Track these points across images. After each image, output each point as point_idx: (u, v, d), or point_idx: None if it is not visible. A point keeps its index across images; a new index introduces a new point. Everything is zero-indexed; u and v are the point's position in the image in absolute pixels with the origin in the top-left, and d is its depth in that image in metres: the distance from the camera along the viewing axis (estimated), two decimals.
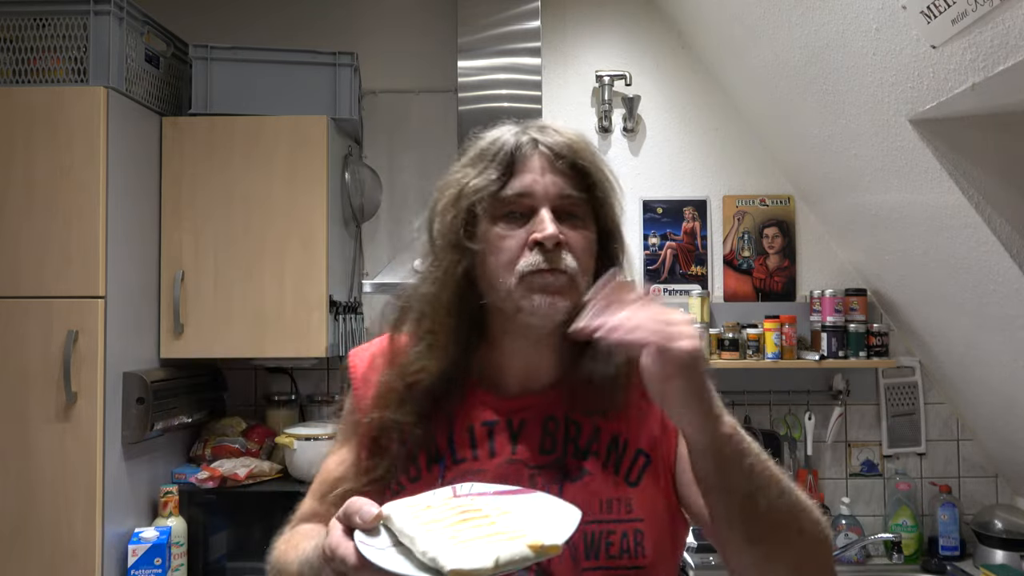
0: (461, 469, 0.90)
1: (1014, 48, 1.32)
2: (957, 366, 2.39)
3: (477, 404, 0.94)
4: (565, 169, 0.90)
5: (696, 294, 2.51)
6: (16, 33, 2.07)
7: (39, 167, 2.01)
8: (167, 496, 2.17)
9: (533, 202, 0.89)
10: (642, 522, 0.89)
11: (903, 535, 2.42)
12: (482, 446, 0.92)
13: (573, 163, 0.90)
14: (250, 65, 2.34)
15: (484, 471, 0.89)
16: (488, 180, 0.89)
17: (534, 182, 0.89)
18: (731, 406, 2.71)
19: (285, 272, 2.27)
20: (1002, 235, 1.77)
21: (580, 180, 0.90)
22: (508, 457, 0.91)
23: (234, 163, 2.28)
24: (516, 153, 0.90)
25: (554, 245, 0.86)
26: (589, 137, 0.97)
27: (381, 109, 2.70)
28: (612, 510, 0.88)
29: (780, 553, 0.79)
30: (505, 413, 0.93)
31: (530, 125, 0.95)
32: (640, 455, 0.92)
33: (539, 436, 0.92)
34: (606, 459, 0.91)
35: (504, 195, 0.89)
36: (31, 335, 1.98)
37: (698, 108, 2.70)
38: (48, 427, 1.97)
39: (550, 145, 0.90)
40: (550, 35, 2.67)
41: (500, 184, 0.89)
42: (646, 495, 0.90)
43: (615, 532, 0.88)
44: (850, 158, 2.12)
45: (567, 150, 0.90)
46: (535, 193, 0.89)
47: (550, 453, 0.91)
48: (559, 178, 0.89)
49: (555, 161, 0.90)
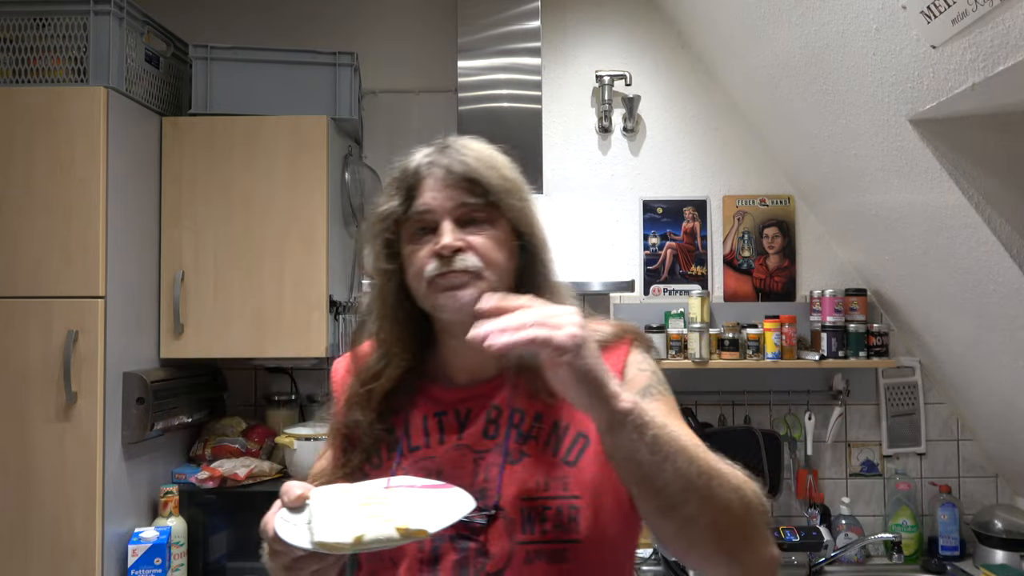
0: (415, 456, 1.00)
1: (1014, 48, 1.32)
2: (957, 366, 2.39)
3: (430, 397, 1.04)
4: (459, 182, 0.99)
5: (696, 294, 2.51)
6: (16, 33, 2.07)
7: (39, 167, 2.01)
8: (167, 496, 2.17)
9: (435, 216, 0.99)
10: (579, 499, 0.94)
11: (903, 535, 2.42)
12: (433, 434, 1.02)
13: (465, 176, 0.98)
14: (250, 65, 2.34)
15: (434, 456, 0.99)
16: (394, 206, 1.01)
17: (431, 199, 0.99)
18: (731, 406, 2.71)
19: (285, 272, 2.27)
20: (1002, 235, 1.77)
21: (477, 188, 0.99)
22: (455, 443, 1.00)
23: (234, 163, 2.28)
24: (415, 177, 1.01)
25: (452, 252, 0.96)
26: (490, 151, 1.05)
27: (381, 109, 2.70)
28: (549, 488, 0.94)
29: (697, 521, 0.81)
30: (453, 404, 1.03)
31: (437, 148, 1.04)
32: (580, 437, 0.97)
33: (483, 423, 1.00)
34: (546, 442, 0.98)
35: (409, 215, 1.00)
36: (31, 335, 1.98)
37: (698, 108, 2.70)
38: (48, 427, 1.97)
39: (443, 165, 1.00)
40: (550, 35, 2.67)
41: (405, 207, 1.00)
42: (585, 474, 0.95)
43: (550, 508, 0.93)
44: (850, 158, 2.12)
45: (460, 166, 0.99)
46: (434, 208, 0.99)
47: (493, 438, 0.99)
48: (455, 191, 0.99)
49: (448, 177, 0.99)
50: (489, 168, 1.00)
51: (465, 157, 1.00)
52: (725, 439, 2.47)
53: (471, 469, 0.96)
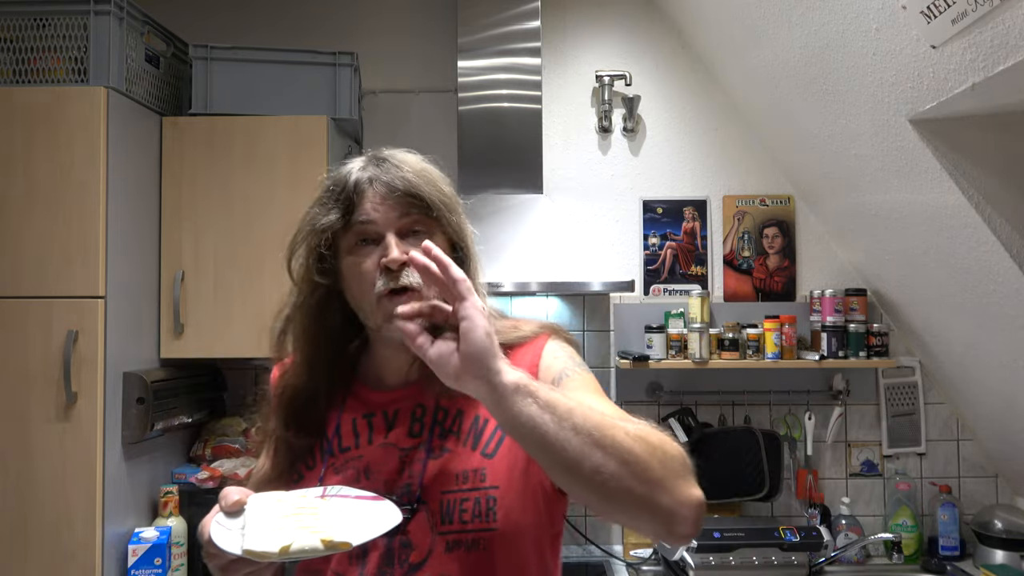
0: (345, 456, 1.04)
1: (1014, 48, 1.32)
2: (957, 366, 2.39)
3: (359, 399, 1.08)
4: (402, 196, 1.00)
5: (696, 294, 2.51)
6: (16, 33, 2.07)
7: (39, 167, 2.01)
8: (167, 496, 2.18)
9: (377, 228, 1.00)
10: (496, 489, 0.98)
11: (903, 535, 2.42)
12: (362, 435, 1.06)
13: (407, 191, 1.00)
14: (250, 65, 2.34)
15: (362, 456, 1.04)
16: (333, 218, 1.01)
17: (374, 210, 1.00)
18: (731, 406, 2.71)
19: (285, 272, 2.26)
20: (1002, 235, 1.77)
21: (418, 203, 1.01)
22: (381, 442, 1.04)
23: (234, 163, 2.28)
24: (355, 190, 1.02)
25: (399, 266, 0.98)
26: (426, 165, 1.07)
27: (381, 109, 2.70)
28: (468, 480, 0.99)
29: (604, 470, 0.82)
30: (381, 406, 1.07)
31: (371, 160, 1.06)
32: (498, 430, 1.01)
33: (408, 423, 1.04)
34: (466, 436, 1.02)
35: (351, 227, 1.01)
36: (31, 335, 1.98)
37: (698, 108, 2.70)
38: (48, 427, 1.97)
39: (385, 181, 1.01)
40: (550, 35, 2.68)
41: (345, 220, 1.01)
42: (502, 465, 0.99)
43: (468, 499, 0.98)
44: (850, 158, 2.12)
45: (401, 181, 1.01)
46: (376, 220, 1.00)
47: (418, 436, 1.03)
48: (397, 205, 1.00)
49: (390, 191, 1.00)
50: (428, 184, 1.02)
51: (405, 172, 1.02)
52: (725, 439, 2.47)
53: (397, 467, 1.01)
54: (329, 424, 1.08)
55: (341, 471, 1.03)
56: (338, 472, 1.03)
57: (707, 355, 2.46)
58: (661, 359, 2.48)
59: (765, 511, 2.57)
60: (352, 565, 0.98)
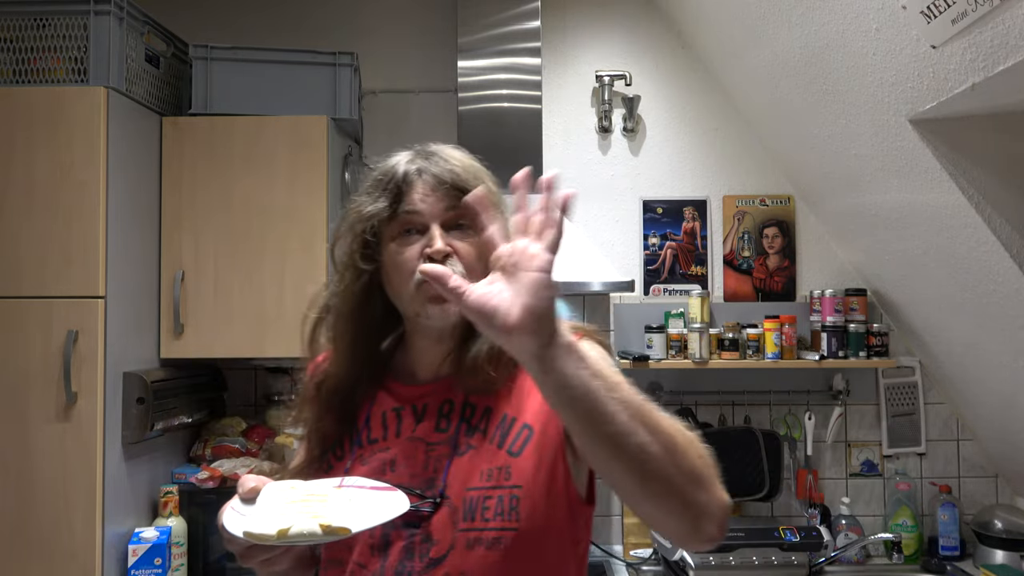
0: (373, 448, 1.05)
1: (1014, 48, 1.32)
2: (957, 366, 2.39)
3: (390, 393, 1.09)
4: (449, 189, 1.02)
5: (696, 294, 2.51)
6: (16, 33, 2.07)
7: (39, 167, 2.01)
8: (167, 496, 2.18)
9: (423, 219, 1.02)
10: (520, 488, 0.97)
11: (903, 535, 2.42)
12: (391, 427, 1.06)
13: (454, 184, 1.01)
14: (250, 65, 2.34)
15: (389, 448, 1.04)
16: (380, 207, 1.03)
17: (420, 201, 1.02)
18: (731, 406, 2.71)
19: (285, 272, 2.27)
20: (1002, 235, 1.77)
21: (464, 195, 0.99)
22: (409, 436, 1.04)
23: (234, 163, 2.28)
24: (404, 181, 1.03)
25: (443, 257, 0.99)
26: (473, 161, 1.08)
27: (381, 109, 2.70)
28: (492, 478, 0.98)
29: (649, 449, 0.79)
30: (411, 399, 1.07)
31: (419, 153, 1.07)
32: (525, 428, 1.00)
33: (436, 417, 1.04)
34: (493, 434, 1.01)
35: (397, 216, 1.02)
36: (31, 335, 1.98)
37: (698, 108, 2.70)
38: (48, 427, 1.96)
39: (435, 173, 1.03)
40: (550, 35, 2.67)
41: (392, 209, 1.02)
42: (527, 464, 0.98)
43: (492, 497, 0.97)
44: (850, 158, 2.12)
45: (448, 175, 1.02)
46: (423, 211, 1.02)
47: (444, 431, 1.03)
48: (443, 197, 1.02)
49: (437, 183, 1.02)
50: (476, 179, 1.02)
51: (452, 166, 1.03)
52: (725, 439, 2.47)
53: (423, 460, 1.01)
54: (359, 416, 1.09)
55: (367, 462, 1.03)
56: (364, 463, 1.04)
57: (707, 355, 2.46)
58: (661, 359, 2.48)
59: (765, 511, 2.57)
60: (374, 557, 0.99)
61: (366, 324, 1.08)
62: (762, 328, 2.48)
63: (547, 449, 0.99)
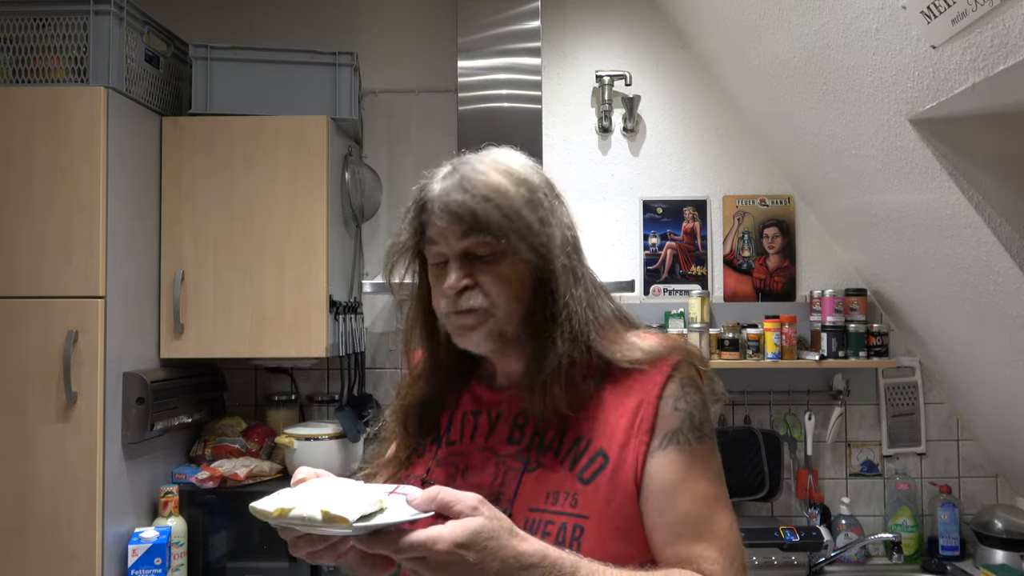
0: (451, 450, 1.05)
1: (1014, 48, 1.32)
2: (957, 366, 2.39)
3: (473, 395, 1.09)
4: (462, 222, 0.97)
5: (696, 294, 2.51)
6: (16, 33, 2.07)
7: (39, 167, 2.01)
8: (167, 496, 2.17)
9: (442, 250, 0.99)
10: (586, 519, 0.93)
11: (903, 535, 2.42)
12: (467, 431, 1.06)
13: (471, 221, 0.96)
14: (250, 65, 2.34)
15: (464, 453, 1.04)
16: (406, 240, 1.03)
17: (439, 234, 0.99)
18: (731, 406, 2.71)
19: (285, 272, 2.27)
20: (1002, 235, 1.77)
21: (482, 226, 0.97)
22: (481, 444, 1.04)
23: (234, 163, 2.28)
24: (423, 210, 1.01)
25: (458, 292, 0.97)
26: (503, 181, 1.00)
27: (381, 109, 2.70)
28: (557, 502, 0.94)
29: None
30: (487, 404, 1.06)
31: (453, 170, 1.01)
32: (600, 456, 0.96)
33: (509, 428, 1.03)
34: (564, 455, 0.97)
35: (425, 247, 1.02)
36: (31, 335, 1.98)
37: (698, 108, 2.70)
38: (48, 427, 1.97)
39: (445, 204, 0.97)
40: (550, 35, 2.67)
41: (417, 240, 1.02)
42: (597, 495, 0.94)
43: (554, 523, 0.93)
44: (850, 158, 2.12)
45: (459, 206, 0.96)
46: (440, 243, 0.99)
47: (516, 444, 1.01)
48: (460, 228, 0.97)
49: (453, 217, 0.97)
50: (497, 205, 0.96)
51: (469, 195, 0.96)
52: (725, 439, 2.46)
53: (492, 471, 1.00)
54: (444, 417, 1.09)
55: (443, 464, 1.04)
56: (440, 465, 1.04)
57: (707, 355, 2.46)
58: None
59: (765, 511, 2.57)
60: None
61: (441, 338, 1.07)
62: (762, 328, 2.48)
63: (620, 484, 0.94)
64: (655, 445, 0.95)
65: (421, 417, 1.09)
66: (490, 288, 0.98)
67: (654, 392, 0.97)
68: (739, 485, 2.44)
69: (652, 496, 0.94)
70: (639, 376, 0.98)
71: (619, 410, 0.98)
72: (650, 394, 0.97)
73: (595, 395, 0.99)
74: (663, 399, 0.97)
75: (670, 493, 0.94)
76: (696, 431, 0.97)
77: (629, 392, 0.98)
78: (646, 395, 0.97)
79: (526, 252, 0.98)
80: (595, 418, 0.98)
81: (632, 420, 0.96)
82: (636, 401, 0.97)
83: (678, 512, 0.94)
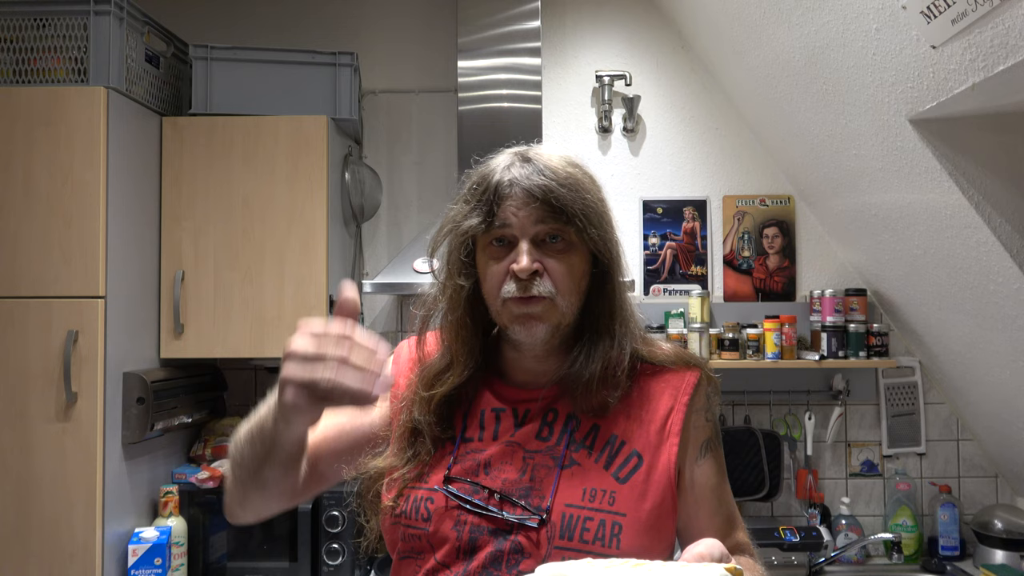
0: (467, 447, 1.03)
1: (1014, 48, 1.32)
2: (957, 366, 2.39)
3: (493, 393, 1.06)
4: (541, 204, 0.97)
5: (696, 294, 2.51)
6: (16, 33, 2.07)
7: (39, 167, 2.01)
8: (167, 496, 2.18)
9: (513, 232, 0.99)
10: (624, 517, 0.95)
11: (903, 535, 2.42)
12: (488, 428, 1.03)
13: (546, 200, 0.97)
14: (250, 65, 2.34)
15: (483, 450, 1.01)
16: (475, 220, 1.00)
17: (512, 216, 0.98)
18: (731, 406, 2.71)
19: (285, 272, 2.27)
20: (1002, 235, 1.77)
21: (557, 209, 0.98)
22: (507, 440, 1.01)
23: (234, 163, 2.28)
24: (497, 192, 0.99)
25: (529, 275, 0.96)
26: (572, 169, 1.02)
27: (381, 109, 2.70)
28: (595, 500, 0.96)
29: None
30: (512, 402, 1.04)
31: (519, 156, 1.02)
32: (634, 456, 0.99)
33: (538, 425, 1.02)
34: (599, 454, 0.99)
35: (490, 227, 0.99)
36: (31, 335, 1.98)
37: (698, 108, 2.70)
38: (48, 427, 1.97)
39: (525, 187, 0.98)
40: (550, 35, 2.67)
41: (486, 223, 0.99)
42: (633, 493, 0.96)
43: (593, 519, 0.94)
44: (850, 158, 2.12)
45: (539, 189, 0.97)
46: (513, 226, 0.98)
47: (545, 440, 1.00)
48: (537, 210, 0.98)
49: (530, 197, 0.98)
50: (572, 191, 0.98)
51: (547, 177, 0.98)
52: (725, 439, 2.47)
53: (519, 466, 0.99)
54: (459, 413, 1.06)
55: (460, 461, 1.01)
56: (457, 462, 1.01)
57: (707, 355, 2.46)
58: None
59: (765, 511, 2.57)
60: (459, 559, 0.96)
61: (470, 331, 1.05)
62: (762, 328, 2.48)
63: (655, 483, 0.97)
64: (696, 455, 1.01)
65: (441, 413, 1.05)
66: (557, 276, 0.98)
67: (683, 400, 1.02)
68: (739, 485, 2.44)
69: (703, 501, 1.01)
70: (666, 379, 1.03)
71: (649, 413, 1.02)
72: (680, 401, 1.02)
73: (626, 395, 1.02)
74: (695, 410, 1.02)
75: (716, 496, 1.02)
76: (719, 436, 1.06)
77: (659, 395, 1.02)
78: (676, 402, 1.02)
79: (596, 239, 1.00)
80: (627, 417, 1.01)
81: (664, 424, 1.01)
82: (667, 406, 1.01)
83: (724, 510, 1.03)
